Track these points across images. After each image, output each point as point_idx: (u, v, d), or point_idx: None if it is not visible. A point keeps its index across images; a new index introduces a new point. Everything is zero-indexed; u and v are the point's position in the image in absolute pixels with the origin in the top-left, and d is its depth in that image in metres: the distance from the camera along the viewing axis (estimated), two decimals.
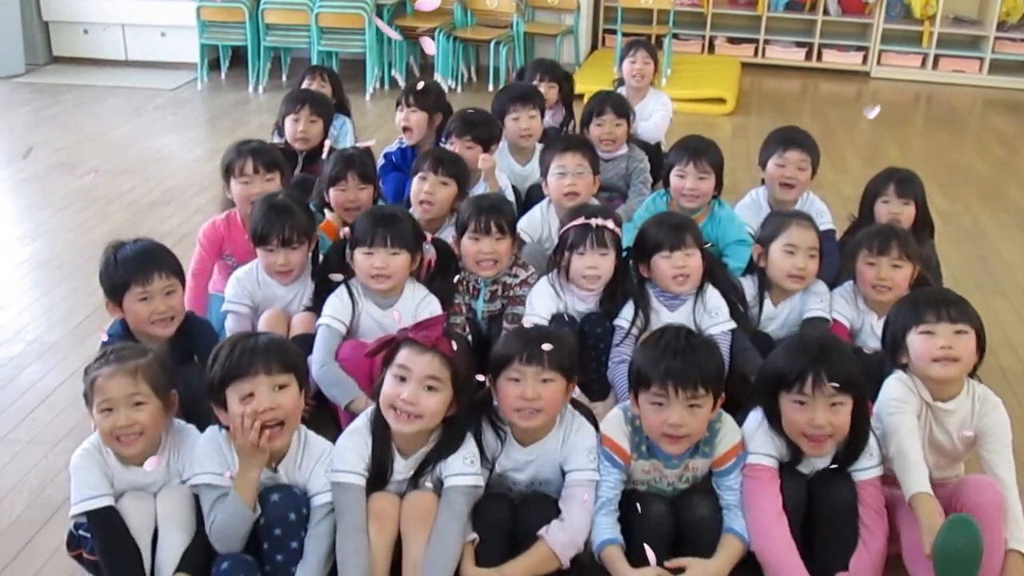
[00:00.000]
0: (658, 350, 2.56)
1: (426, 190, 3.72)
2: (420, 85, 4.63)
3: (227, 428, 2.47)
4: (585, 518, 2.57)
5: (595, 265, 3.28)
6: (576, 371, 2.65)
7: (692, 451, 2.67)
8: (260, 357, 2.40)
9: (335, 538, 2.48)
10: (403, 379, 2.50)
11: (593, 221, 3.29)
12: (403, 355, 2.52)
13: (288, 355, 2.48)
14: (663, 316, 3.29)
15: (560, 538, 2.53)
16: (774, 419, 2.62)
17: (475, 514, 2.59)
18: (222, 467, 2.46)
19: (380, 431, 2.58)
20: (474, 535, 2.55)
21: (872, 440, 2.64)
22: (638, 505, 2.61)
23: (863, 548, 2.57)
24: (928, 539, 2.40)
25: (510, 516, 2.61)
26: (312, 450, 2.56)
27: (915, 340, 2.65)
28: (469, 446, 2.61)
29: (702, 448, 2.68)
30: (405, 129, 4.56)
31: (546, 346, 2.55)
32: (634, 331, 3.25)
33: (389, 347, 2.58)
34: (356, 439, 2.59)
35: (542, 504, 2.62)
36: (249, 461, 2.43)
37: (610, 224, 3.31)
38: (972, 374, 2.75)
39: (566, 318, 3.31)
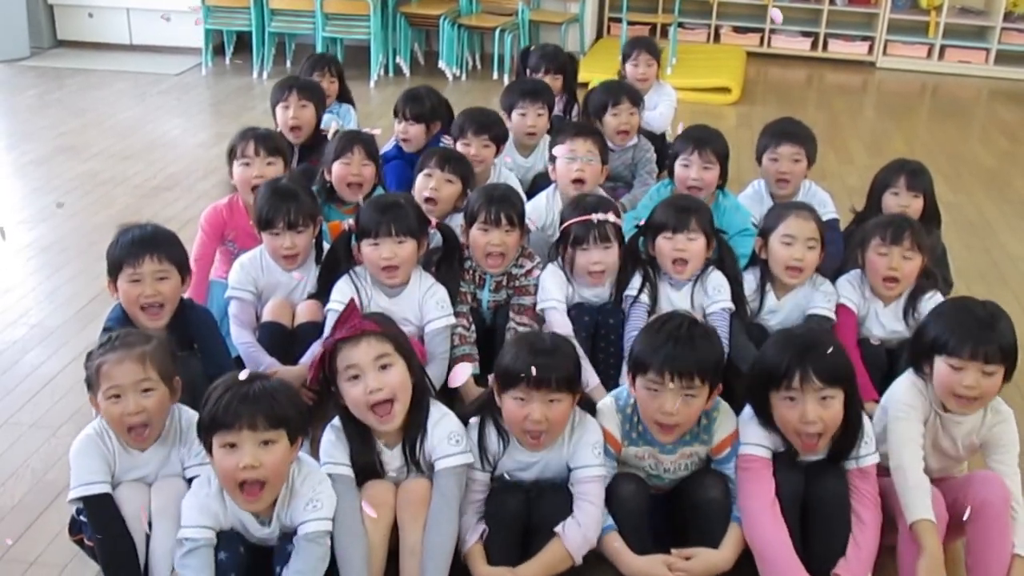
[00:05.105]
0: (659, 337, 2.55)
1: (432, 186, 3.69)
2: (415, 94, 4.55)
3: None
4: (597, 516, 2.55)
5: (599, 260, 3.27)
6: (580, 380, 2.62)
7: (690, 438, 2.67)
8: (247, 409, 2.24)
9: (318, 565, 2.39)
10: (357, 376, 2.48)
11: (594, 216, 3.28)
12: (343, 357, 2.50)
13: (279, 408, 2.29)
14: (668, 293, 3.31)
15: (576, 540, 2.52)
16: (766, 416, 2.59)
17: (488, 506, 2.59)
18: (207, 522, 2.36)
19: (355, 435, 2.56)
20: (483, 527, 2.55)
21: (868, 428, 2.61)
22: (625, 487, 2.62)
23: (854, 541, 2.54)
24: (928, 571, 2.40)
25: (524, 508, 2.59)
26: (300, 492, 2.41)
27: (941, 366, 2.56)
28: (451, 424, 2.59)
29: (700, 436, 2.68)
30: (404, 140, 4.49)
31: (547, 369, 2.48)
32: (644, 299, 3.26)
33: (323, 363, 2.55)
34: (341, 435, 2.57)
35: (556, 496, 2.60)
36: None
37: (611, 217, 3.30)
38: None
39: (583, 306, 3.33)
